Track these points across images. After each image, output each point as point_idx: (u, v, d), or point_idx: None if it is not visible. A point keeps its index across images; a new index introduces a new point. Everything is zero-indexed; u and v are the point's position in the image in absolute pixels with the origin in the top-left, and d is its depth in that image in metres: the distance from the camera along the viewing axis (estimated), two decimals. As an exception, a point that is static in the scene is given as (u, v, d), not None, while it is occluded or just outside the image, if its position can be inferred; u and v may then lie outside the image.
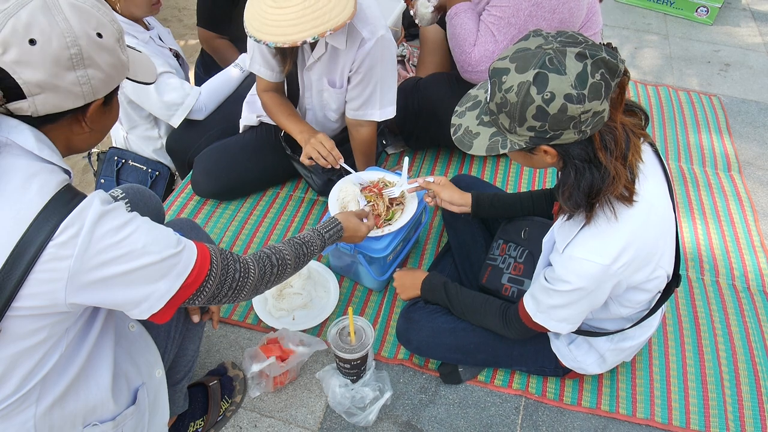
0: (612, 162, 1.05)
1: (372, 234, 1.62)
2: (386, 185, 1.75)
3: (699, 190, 2.30)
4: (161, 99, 2.03)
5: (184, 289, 0.96)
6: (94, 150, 2.28)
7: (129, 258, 0.89)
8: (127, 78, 1.00)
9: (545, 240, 1.29)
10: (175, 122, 2.12)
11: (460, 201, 1.65)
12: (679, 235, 1.27)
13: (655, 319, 1.41)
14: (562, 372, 1.56)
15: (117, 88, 1.00)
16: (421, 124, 2.22)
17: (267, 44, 1.48)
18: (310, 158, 1.80)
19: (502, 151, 1.07)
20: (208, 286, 1.01)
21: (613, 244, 1.11)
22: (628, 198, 1.10)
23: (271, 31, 1.47)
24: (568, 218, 1.18)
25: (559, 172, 1.17)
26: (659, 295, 1.29)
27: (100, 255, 0.86)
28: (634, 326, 1.35)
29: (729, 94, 2.94)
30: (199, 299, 1.01)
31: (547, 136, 1.02)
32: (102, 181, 2.21)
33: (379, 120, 1.86)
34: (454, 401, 1.59)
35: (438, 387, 1.62)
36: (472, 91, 1.18)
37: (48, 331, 0.91)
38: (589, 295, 1.19)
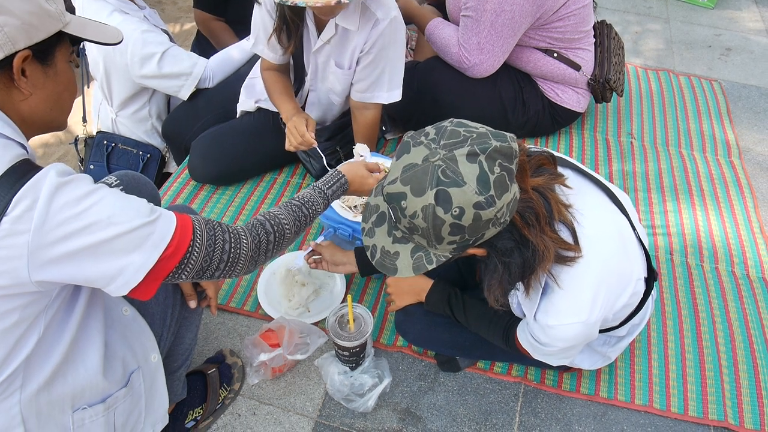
0: (539, 236, 1.00)
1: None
2: (384, 171, 1.73)
3: (699, 176, 2.29)
4: (171, 70, 2.02)
5: (164, 261, 0.92)
6: (81, 136, 2.24)
7: (93, 230, 0.85)
8: (79, 37, 0.95)
9: (511, 301, 1.23)
10: (185, 94, 2.11)
11: (342, 259, 1.56)
12: (643, 234, 1.22)
13: (646, 313, 1.37)
14: (564, 367, 1.57)
15: (60, 49, 0.95)
16: (420, 108, 2.20)
17: (296, 5, 1.42)
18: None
19: (430, 268, 0.99)
20: (193, 258, 0.96)
21: (582, 297, 1.06)
22: (572, 258, 1.05)
23: None
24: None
25: (481, 264, 1.09)
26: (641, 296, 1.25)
27: (60, 228, 0.83)
28: (622, 325, 1.30)
29: (730, 79, 2.92)
30: (186, 273, 0.96)
31: (471, 242, 0.97)
32: (91, 167, 2.17)
33: (386, 103, 1.84)
34: (453, 388, 1.59)
35: (437, 374, 1.62)
36: (371, 201, 1.08)
37: (19, 314, 0.88)
38: (579, 344, 1.17)
